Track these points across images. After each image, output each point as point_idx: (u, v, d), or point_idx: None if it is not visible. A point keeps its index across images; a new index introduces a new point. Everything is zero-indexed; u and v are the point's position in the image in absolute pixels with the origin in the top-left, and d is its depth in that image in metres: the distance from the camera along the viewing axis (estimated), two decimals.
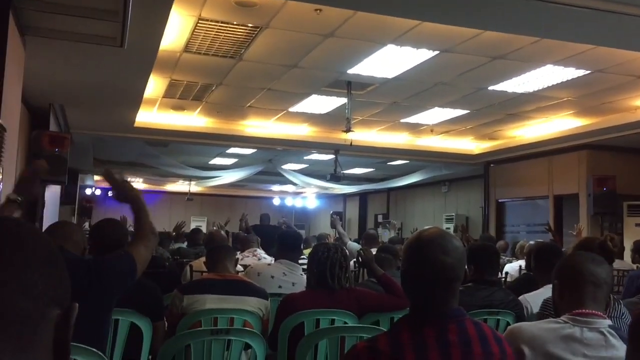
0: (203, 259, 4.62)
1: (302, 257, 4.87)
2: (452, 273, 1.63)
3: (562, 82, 6.68)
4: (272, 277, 4.01)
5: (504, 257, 7.63)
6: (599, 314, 1.83)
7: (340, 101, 7.81)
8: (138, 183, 17.23)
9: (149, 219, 2.27)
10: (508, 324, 3.31)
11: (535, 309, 3.40)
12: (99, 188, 17.94)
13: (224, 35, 5.44)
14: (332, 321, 3.01)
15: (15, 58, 4.48)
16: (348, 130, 7.74)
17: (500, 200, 11.54)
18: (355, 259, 4.47)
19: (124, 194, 2.28)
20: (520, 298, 3.55)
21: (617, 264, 6.35)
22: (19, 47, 4.67)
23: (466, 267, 3.49)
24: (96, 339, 2.00)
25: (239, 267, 4.72)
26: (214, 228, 8.65)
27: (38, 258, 0.74)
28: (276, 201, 20.45)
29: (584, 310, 1.83)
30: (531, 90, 7.09)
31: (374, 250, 4.35)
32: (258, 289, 3.28)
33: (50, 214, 8.28)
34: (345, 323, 3.00)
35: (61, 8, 4.25)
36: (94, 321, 2.01)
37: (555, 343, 1.82)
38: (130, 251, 2.13)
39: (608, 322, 1.84)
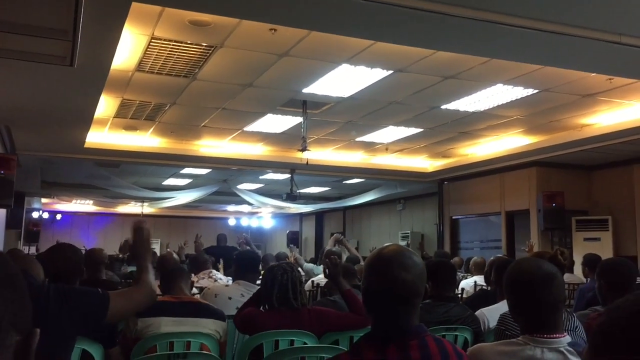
0: (157, 282, 4.51)
1: (259, 277, 4.81)
2: (413, 289, 1.63)
3: (511, 101, 6.87)
4: (230, 298, 3.95)
5: (459, 274, 7.74)
6: (558, 335, 1.85)
7: (295, 120, 7.82)
8: (88, 205, 16.80)
9: (151, 280, 2.20)
10: (466, 339, 3.33)
11: (493, 323, 3.43)
12: (46, 211, 17.41)
13: (178, 55, 5.39)
14: (292, 342, 2.97)
15: None
16: (304, 149, 7.74)
17: (454, 217, 11.73)
18: (314, 277, 4.43)
19: (144, 250, 2.26)
20: (477, 313, 3.58)
21: (567, 277, 6.52)
22: None
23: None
24: None
25: (194, 290, 4.62)
26: (167, 250, 8.49)
27: None
28: (232, 221, 20.25)
29: (543, 335, 1.84)
30: (482, 109, 7.26)
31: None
32: (215, 310, 3.21)
33: None
34: (305, 343, 2.96)
35: (7, 26, 4.13)
36: (51, 352, 1.86)
37: None
38: (110, 296, 1.99)
39: (567, 339, 1.86)
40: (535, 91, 6.47)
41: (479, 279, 6.13)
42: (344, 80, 6.17)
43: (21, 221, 11.94)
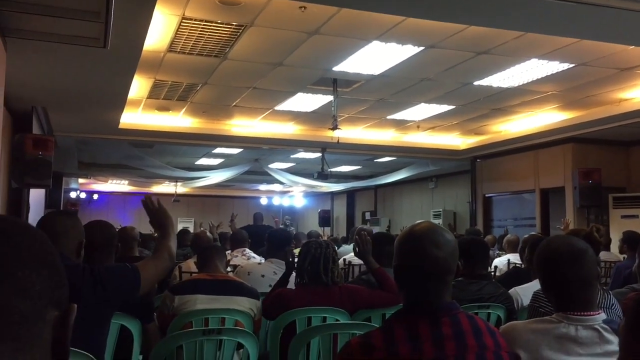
0: (192, 260, 4.59)
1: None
2: (445, 266, 1.63)
3: (546, 76, 6.71)
4: (263, 276, 4.00)
5: (492, 251, 7.68)
6: (593, 313, 1.83)
7: (326, 99, 7.80)
8: (123, 185, 17.11)
9: (170, 244, 2.30)
10: (499, 317, 3.32)
11: (526, 301, 3.41)
12: (83, 191, 17.81)
13: (208, 35, 5.41)
14: (324, 319, 3.00)
15: None
16: (334, 128, 7.73)
17: (487, 195, 11.60)
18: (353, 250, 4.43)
19: (159, 220, 2.38)
20: (511, 291, 3.56)
21: (603, 255, 6.42)
22: (0, 50, 4.60)
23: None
24: (90, 351, 1.89)
25: (228, 268, 4.69)
26: (201, 229, 8.62)
27: (34, 257, 0.72)
28: (264, 200, 20.41)
29: (576, 313, 1.82)
30: (516, 85, 7.12)
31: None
32: (249, 289, 3.26)
33: (34, 219, 8.19)
34: (337, 320, 2.99)
35: (43, 9, 4.19)
36: (88, 332, 1.92)
37: (549, 344, 1.80)
38: (139, 267, 2.08)
39: (602, 316, 1.84)
40: (572, 65, 6.31)
41: (513, 257, 6.08)
42: (375, 58, 6.11)
43: (59, 201, 12.24)
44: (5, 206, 6.76)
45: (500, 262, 6.35)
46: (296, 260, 3.37)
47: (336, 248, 3.47)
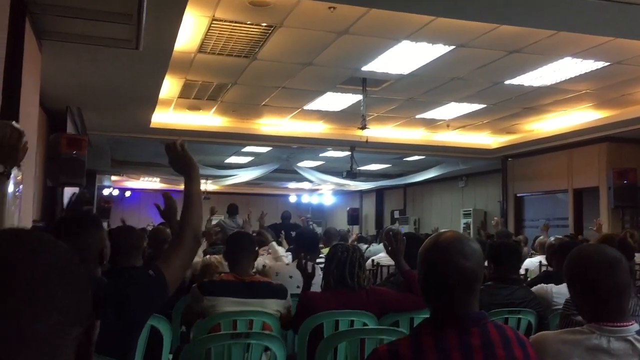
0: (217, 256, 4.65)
1: (319, 256, 4.86)
2: (472, 276, 1.61)
3: (580, 75, 6.58)
4: (291, 277, 4.01)
5: (526, 249, 7.57)
6: (626, 323, 1.78)
7: (355, 98, 7.78)
8: (155, 182, 17.34)
9: (196, 211, 1.97)
10: (529, 322, 3.27)
11: (557, 298, 3.36)
12: (116, 188, 18.11)
13: (238, 35, 5.44)
14: (351, 322, 3.00)
15: (32, 62, 4.52)
16: (363, 127, 7.71)
17: (518, 195, 11.43)
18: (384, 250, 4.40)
19: (183, 166, 2.06)
20: (547, 287, 3.51)
21: (638, 257, 6.27)
22: (36, 52, 4.70)
23: (486, 264, 3.46)
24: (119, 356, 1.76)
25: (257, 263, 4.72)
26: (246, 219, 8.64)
27: (60, 275, 0.72)
28: (292, 198, 20.47)
29: (609, 324, 1.77)
30: (549, 84, 6.99)
31: None
32: (277, 289, 3.27)
33: None
34: (365, 324, 2.98)
35: (76, 12, 4.27)
36: (118, 344, 1.75)
37: (581, 356, 1.76)
38: (162, 267, 1.81)
39: (636, 327, 1.79)
40: (607, 64, 6.17)
41: (544, 259, 5.98)
42: (405, 57, 6.07)
43: (93, 198, 12.46)
44: (41, 203, 6.91)
45: (532, 263, 6.24)
46: (317, 268, 3.36)
47: (363, 249, 3.45)
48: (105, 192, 16.17)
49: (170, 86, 7.25)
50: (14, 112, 3.96)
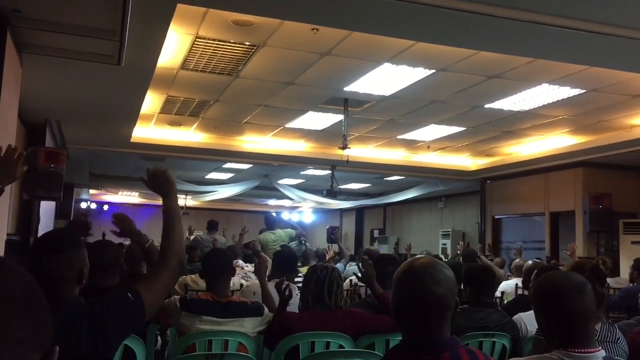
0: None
1: (297, 275, 4.86)
2: (444, 302, 1.63)
3: (557, 101, 6.71)
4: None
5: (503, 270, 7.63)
6: (592, 350, 1.81)
7: (337, 118, 7.83)
8: (134, 197, 17.21)
9: (178, 233, 1.92)
10: (504, 346, 3.30)
11: (531, 328, 3.39)
12: (94, 202, 17.92)
13: (221, 53, 5.47)
14: (327, 344, 3.00)
15: (12, 75, 4.49)
16: (344, 147, 7.75)
17: (496, 217, 11.55)
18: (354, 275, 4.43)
19: (162, 183, 2.02)
20: (515, 317, 3.54)
21: (613, 281, 6.36)
22: (16, 64, 4.68)
23: (462, 287, 3.49)
24: None
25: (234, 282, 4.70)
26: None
27: (17, 304, 0.71)
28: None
29: (576, 350, 1.80)
30: (527, 109, 7.12)
31: None
32: (252, 307, 3.25)
33: (44, 229, 8.24)
34: (341, 346, 2.98)
35: (59, 27, 4.26)
36: None
37: None
38: (142, 292, 1.76)
39: (602, 354, 1.83)
40: (583, 91, 6.31)
41: (521, 282, 6.03)
42: (386, 79, 6.14)
43: (70, 211, 12.30)
44: (16, 217, 6.82)
45: (508, 286, 6.30)
46: (294, 287, 3.37)
47: (341, 268, 3.47)
48: (83, 205, 15.98)
49: (151, 101, 7.24)
50: None
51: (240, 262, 5.95)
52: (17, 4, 3.94)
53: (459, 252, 8.04)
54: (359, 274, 3.49)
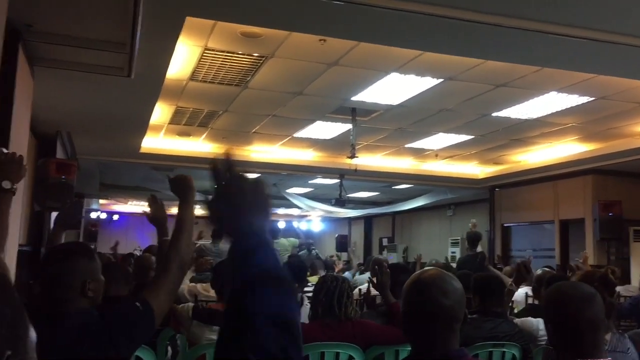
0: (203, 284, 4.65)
1: (307, 285, 4.87)
2: (452, 314, 1.64)
3: (565, 109, 6.70)
4: None
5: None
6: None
7: (345, 127, 7.85)
8: (143, 206, 17.28)
9: (186, 238, 1.96)
10: (514, 356, 3.29)
11: (543, 332, 3.39)
12: (104, 212, 18.03)
13: (230, 64, 5.51)
14: (337, 355, 3.00)
15: (24, 88, 4.55)
16: (353, 156, 7.77)
17: (505, 225, 11.50)
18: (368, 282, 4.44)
19: (182, 185, 2.11)
20: (534, 321, 3.53)
21: (623, 289, 6.32)
22: (28, 77, 4.73)
23: (471, 297, 3.48)
24: None
25: None
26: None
27: None
28: (281, 224, 20.43)
29: None
30: (535, 117, 7.11)
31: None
32: None
33: None
34: (351, 357, 2.99)
35: (70, 40, 4.32)
36: None
37: None
38: (149, 298, 1.77)
39: None
40: (591, 99, 6.30)
41: (530, 290, 5.99)
42: (394, 88, 6.16)
43: (80, 222, 12.39)
44: (28, 228, 6.87)
45: (518, 295, 6.25)
46: (304, 297, 3.39)
47: (349, 277, 3.49)
48: (93, 215, 16.08)
49: (161, 112, 7.29)
50: (5, 137, 3.97)
51: None
52: (29, 19, 4.00)
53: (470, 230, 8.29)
54: (374, 280, 3.50)
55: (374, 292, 5.17)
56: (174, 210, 2.06)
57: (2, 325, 0.61)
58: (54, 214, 7.52)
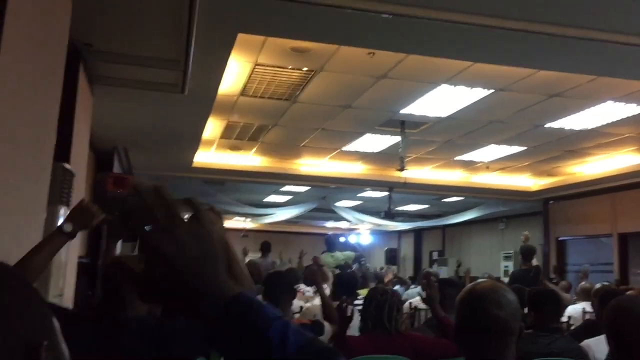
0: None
1: (357, 298, 4.85)
2: (506, 327, 1.61)
3: (622, 119, 6.51)
4: None
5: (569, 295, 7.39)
6: None
7: (393, 140, 7.83)
8: None
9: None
10: None
11: (599, 355, 3.27)
12: None
13: (280, 79, 5.60)
14: None
15: (85, 106, 4.73)
16: (402, 168, 7.73)
17: (560, 238, 11.19)
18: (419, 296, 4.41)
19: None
20: (583, 344, 3.42)
21: None
22: (88, 96, 4.93)
23: (526, 312, 3.40)
24: None
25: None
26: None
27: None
28: (342, 238, 20.41)
29: None
30: (590, 127, 6.92)
31: None
32: (313, 328, 3.29)
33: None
34: None
35: (127, 58, 4.48)
36: None
37: None
38: None
39: None
40: None
41: (588, 306, 5.81)
42: (443, 100, 6.12)
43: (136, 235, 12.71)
44: (86, 241, 7.11)
45: (575, 310, 6.08)
46: (355, 311, 3.37)
47: (401, 291, 3.47)
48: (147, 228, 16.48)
49: (212, 127, 7.45)
50: (66, 153, 4.14)
51: (302, 286, 6.01)
52: (89, 39, 4.17)
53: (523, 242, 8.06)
54: (423, 295, 3.47)
55: (422, 305, 5.14)
56: (225, 224, 2.10)
57: (30, 315, 0.58)
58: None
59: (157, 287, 0.76)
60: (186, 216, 0.81)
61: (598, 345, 3.29)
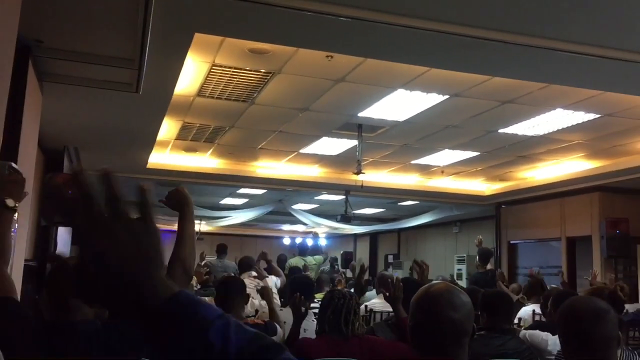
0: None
1: (313, 301, 4.84)
2: (461, 328, 1.63)
3: (572, 126, 6.70)
4: (285, 322, 3.99)
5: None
6: None
7: (351, 143, 7.87)
8: None
9: (187, 247, 2.01)
10: None
11: (552, 347, 3.37)
12: None
13: (237, 80, 5.55)
14: None
15: (33, 103, 4.58)
16: (359, 172, 7.77)
17: (512, 242, 11.45)
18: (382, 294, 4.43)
19: (178, 199, 2.17)
20: (544, 335, 3.51)
21: (631, 307, 6.26)
22: (37, 93, 4.77)
23: (478, 313, 3.46)
24: None
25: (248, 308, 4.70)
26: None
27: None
28: (286, 240, 20.39)
29: None
30: (541, 133, 7.11)
31: None
32: (267, 329, 3.27)
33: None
34: None
35: (79, 56, 4.36)
36: None
37: None
38: None
39: None
40: (598, 116, 6.30)
41: (537, 308, 5.95)
42: (400, 105, 6.18)
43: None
44: (34, 243, 6.88)
45: (525, 312, 6.21)
46: (310, 314, 3.37)
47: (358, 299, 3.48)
48: None
49: (167, 128, 7.33)
50: (14, 152, 3.99)
51: (253, 273, 6.18)
52: (39, 35, 4.04)
53: (477, 246, 8.23)
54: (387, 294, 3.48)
55: (377, 308, 5.16)
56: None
57: None
58: (59, 229, 7.53)
59: (88, 284, 0.73)
60: (131, 212, 0.78)
61: (555, 340, 3.39)
